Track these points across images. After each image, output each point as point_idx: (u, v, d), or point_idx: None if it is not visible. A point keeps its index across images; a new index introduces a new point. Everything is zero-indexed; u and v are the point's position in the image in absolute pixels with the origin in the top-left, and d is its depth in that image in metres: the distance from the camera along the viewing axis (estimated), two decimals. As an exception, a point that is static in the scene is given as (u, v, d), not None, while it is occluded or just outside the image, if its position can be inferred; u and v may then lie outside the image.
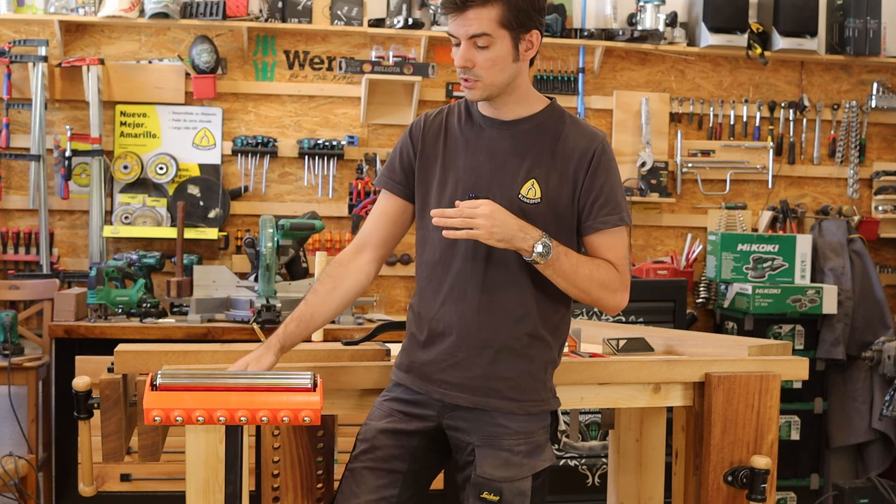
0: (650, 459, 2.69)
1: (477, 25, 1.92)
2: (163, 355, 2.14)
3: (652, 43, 4.54)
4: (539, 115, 2.05)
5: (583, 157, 2.00)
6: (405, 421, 2.07)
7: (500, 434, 2.01)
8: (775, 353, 2.48)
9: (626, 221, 2.02)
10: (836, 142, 4.79)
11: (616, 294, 2.02)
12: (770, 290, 4.25)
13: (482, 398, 2.01)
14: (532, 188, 1.99)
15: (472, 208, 1.90)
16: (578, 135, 2.03)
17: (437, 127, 2.10)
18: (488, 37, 1.93)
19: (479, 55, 1.95)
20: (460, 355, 2.02)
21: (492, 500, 1.98)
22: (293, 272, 4.03)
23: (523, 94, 2.04)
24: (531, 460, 2.02)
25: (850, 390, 4.42)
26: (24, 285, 4.04)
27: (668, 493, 2.59)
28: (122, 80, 4.33)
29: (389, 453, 2.06)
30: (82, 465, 2.11)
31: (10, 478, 3.54)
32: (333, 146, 4.41)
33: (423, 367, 2.06)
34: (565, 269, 1.95)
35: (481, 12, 1.92)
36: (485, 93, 1.99)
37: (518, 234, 1.91)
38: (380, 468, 2.05)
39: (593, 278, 1.98)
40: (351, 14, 4.42)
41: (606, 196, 2.00)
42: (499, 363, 2.01)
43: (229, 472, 1.93)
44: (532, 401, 2.03)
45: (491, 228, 1.89)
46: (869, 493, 3.87)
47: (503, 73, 1.97)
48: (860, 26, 4.59)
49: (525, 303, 2.01)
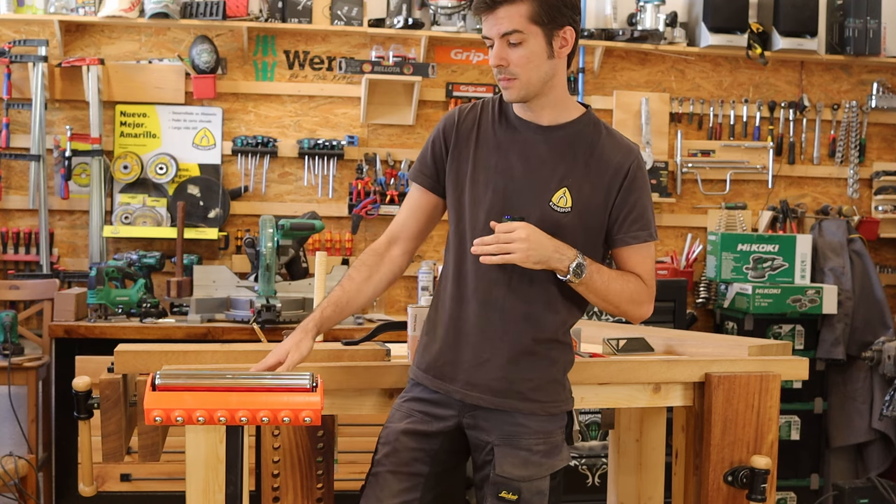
0: (650, 459, 2.69)
1: (508, 23, 1.92)
2: (163, 355, 2.14)
3: (652, 43, 4.54)
4: (575, 122, 2.04)
5: (618, 171, 2.01)
6: (426, 422, 2.07)
7: (519, 433, 2.02)
8: (775, 353, 2.49)
9: (654, 237, 2.06)
10: (836, 142, 4.79)
11: (643, 306, 2.06)
12: (770, 290, 4.25)
13: (504, 399, 2.02)
14: (564, 196, 2.00)
15: (507, 232, 1.91)
16: (614, 147, 2.03)
17: (471, 123, 2.09)
18: (520, 33, 1.92)
19: (512, 53, 1.94)
20: (483, 356, 2.02)
21: (510, 499, 1.99)
22: (293, 272, 4.03)
23: (560, 98, 2.03)
24: (549, 460, 2.03)
25: (850, 390, 4.42)
26: (24, 285, 4.04)
27: (668, 493, 2.59)
28: (122, 80, 4.33)
29: (411, 456, 2.06)
30: (82, 465, 2.11)
31: (10, 478, 3.54)
32: (333, 146, 4.41)
33: (443, 367, 2.06)
34: (598, 286, 1.98)
35: (511, 9, 1.91)
36: (522, 91, 1.98)
37: (554, 255, 1.93)
38: (402, 472, 2.06)
39: (623, 293, 2.02)
40: (351, 14, 4.42)
41: (639, 212, 2.02)
42: (521, 365, 2.02)
43: (230, 472, 1.93)
44: (553, 402, 2.05)
45: (527, 252, 1.91)
46: (869, 493, 3.87)
47: (538, 70, 1.95)
48: (860, 26, 4.59)
49: (549, 307, 2.03)
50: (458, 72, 4.56)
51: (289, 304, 3.75)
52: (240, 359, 2.19)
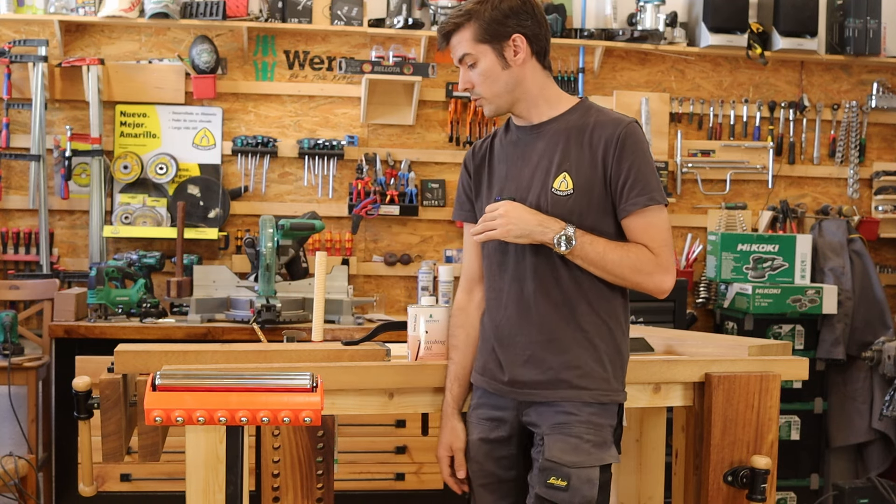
0: (650, 459, 2.69)
1: (460, 48, 2.11)
2: (163, 355, 2.14)
3: (652, 43, 4.54)
4: (566, 113, 2.12)
5: (609, 143, 2.05)
6: (492, 428, 2.15)
7: (570, 422, 2.04)
8: (775, 353, 2.48)
9: (657, 201, 2.04)
10: (836, 142, 4.79)
11: (653, 276, 2.05)
12: (770, 290, 4.25)
13: (552, 391, 2.06)
14: (564, 180, 2.06)
15: (491, 211, 2.05)
16: (605, 123, 2.07)
17: (484, 150, 2.23)
18: (471, 55, 2.09)
19: (472, 74, 2.11)
20: (527, 353, 2.08)
21: (559, 485, 1.99)
22: (293, 272, 4.03)
23: (542, 97, 2.13)
24: (599, 451, 2.04)
25: (850, 390, 4.42)
26: (24, 285, 4.04)
27: (668, 493, 2.59)
28: (122, 80, 4.33)
29: (494, 466, 2.16)
30: (82, 465, 2.11)
31: (10, 478, 3.54)
32: (333, 146, 4.41)
33: (493, 369, 2.14)
34: (592, 257, 2.02)
35: (459, 36, 2.10)
36: (492, 105, 2.13)
37: (536, 228, 2.02)
38: (491, 483, 2.17)
39: (623, 263, 2.03)
40: (351, 14, 4.42)
41: (634, 177, 2.04)
42: (564, 354, 2.06)
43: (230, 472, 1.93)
44: (601, 390, 2.06)
45: (507, 226, 2.02)
46: (869, 493, 3.87)
47: (497, 83, 2.10)
48: (860, 26, 4.59)
49: (577, 292, 2.06)
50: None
51: (289, 304, 3.75)
52: (240, 359, 2.19)
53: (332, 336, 3.48)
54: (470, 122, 4.52)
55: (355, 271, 4.43)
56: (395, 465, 3.75)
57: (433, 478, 3.76)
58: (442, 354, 2.27)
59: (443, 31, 2.13)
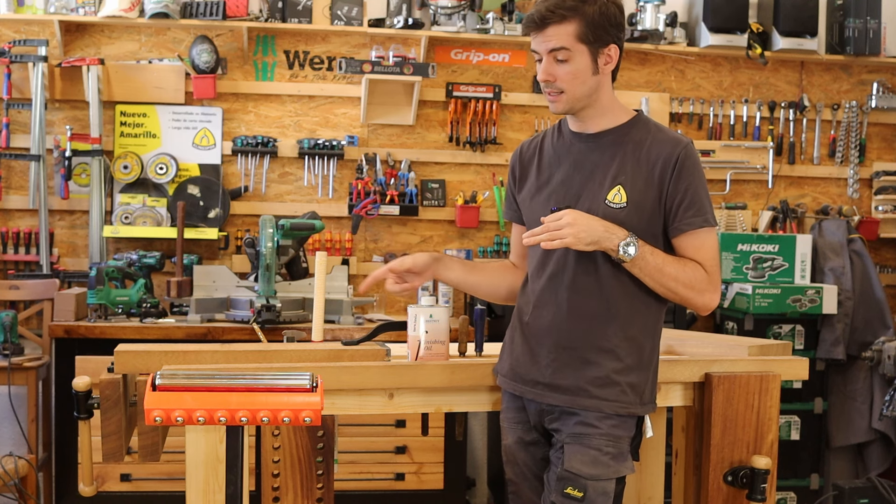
0: (650, 459, 2.69)
1: (556, 41, 2.04)
2: (163, 355, 2.14)
3: (652, 43, 4.54)
4: (624, 126, 2.14)
5: (667, 162, 2.06)
6: (525, 431, 2.20)
7: (590, 434, 2.06)
8: (775, 353, 2.49)
9: (711, 223, 2.08)
10: (836, 142, 4.79)
11: (704, 294, 2.08)
12: (770, 290, 4.25)
13: (572, 397, 2.07)
14: (618, 193, 2.07)
15: (555, 220, 2.03)
16: (663, 141, 2.10)
17: (532, 151, 2.25)
18: (567, 51, 2.05)
19: (559, 69, 2.07)
20: (551, 357, 2.10)
21: (576, 496, 2.03)
22: (293, 272, 4.03)
23: (606, 107, 2.14)
24: (617, 464, 2.07)
25: (850, 390, 4.42)
26: (24, 285, 4.04)
27: (668, 493, 2.59)
28: (122, 80, 4.33)
29: (533, 466, 2.20)
30: (82, 465, 2.12)
31: (10, 478, 3.54)
32: (333, 146, 4.41)
33: (517, 371, 2.16)
34: (651, 267, 2.03)
35: (559, 28, 2.04)
36: (567, 105, 2.11)
37: (604, 234, 2.02)
38: (532, 482, 2.21)
39: (679, 278, 2.05)
40: (351, 14, 4.42)
41: (691, 198, 2.06)
42: (588, 364, 2.07)
43: (230, 472, 1.93)
44: (621, 402, 2.07)
45: (578, 234, 2.01)
46: (869, 493, 3.87)
47: (583, 86, 2.08)
48: (860, 26, 4.59)
49: (613, 305, 2.08)
50: (459, 72, 4.56)
51: (289, 304, 3.75)
52: (240, 359, 2.19)
53: (332, 336, 3.48)
54: (470, 122, 4.52)
55: (355, 271, 4.43)
56: (395, 465, 3.75)
57: (433, 478, 3.76)
58: (442, 354, 2.28)
59: (542, 18, 2.04)
